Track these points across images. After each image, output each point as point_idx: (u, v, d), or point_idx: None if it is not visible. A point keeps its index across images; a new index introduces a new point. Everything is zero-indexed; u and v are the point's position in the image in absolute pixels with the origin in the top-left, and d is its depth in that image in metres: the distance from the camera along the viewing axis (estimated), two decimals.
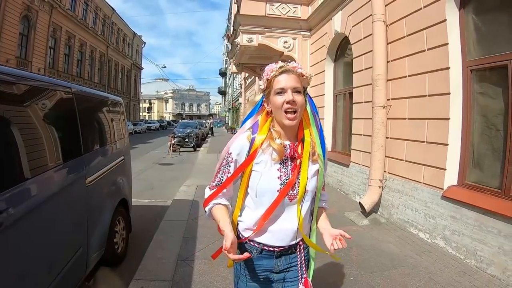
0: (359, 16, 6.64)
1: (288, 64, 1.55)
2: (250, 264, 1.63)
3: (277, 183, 1.53)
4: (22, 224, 2.01)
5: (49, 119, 2.61)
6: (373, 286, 3.44)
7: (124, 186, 4.47)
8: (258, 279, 1.64)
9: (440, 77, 4.57)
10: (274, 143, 1.55)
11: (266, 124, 1.60)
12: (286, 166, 1.56)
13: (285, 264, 1.65)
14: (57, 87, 2.84)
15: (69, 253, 2.73)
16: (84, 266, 3.04)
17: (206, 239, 4.61)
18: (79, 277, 2.98)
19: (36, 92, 2.49)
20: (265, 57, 11.42)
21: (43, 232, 2.32)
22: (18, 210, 1.99)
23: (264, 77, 1.58)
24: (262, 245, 1.60)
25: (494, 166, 4.05)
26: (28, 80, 2.40)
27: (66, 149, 2.83)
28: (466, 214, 4.09)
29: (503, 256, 3.54)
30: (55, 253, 2.51)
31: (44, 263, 2.33)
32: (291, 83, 1.51)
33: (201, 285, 3.38)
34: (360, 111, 6.71)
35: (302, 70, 1.56)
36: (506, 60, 3.78)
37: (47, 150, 2.50)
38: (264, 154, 1.55)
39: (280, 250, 1.61)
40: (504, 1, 3.90)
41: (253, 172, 1.57)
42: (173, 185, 8.86)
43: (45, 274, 2.32)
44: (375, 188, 5.66)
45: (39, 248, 2.27)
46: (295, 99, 1.49)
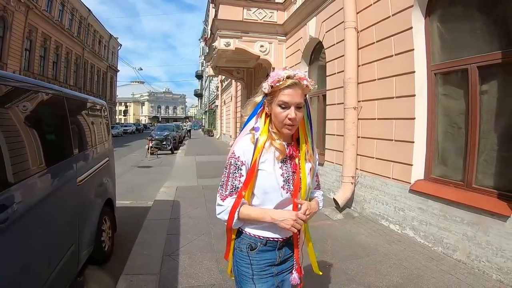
0: (333, 23, 6.95)
1: (296, 75, 1.54)
2: (256, 256, 1.66)
3: (281, 180, 1.60)
4: (24, 220, 2.18)
5: (44, 121, 2.84)
6: (347, 272, 3.73)
7: (110, 186, 4.63)
8: (262, 276, 1.66)
9: (406, 80, 4.91)
10: (276, 143, 1.62)
11: (265, 125, 1.64)
12: (286, 164, 1.64)
13: (285, 255, 1.72)
14: (49, 90, 3.01)
15: (64, 248, 2.90)
16: (76, 262, 3.21)
17: (189, 235, 4.81)
18: (73, 272, 3.15)
19: (31, 96, 2.66)
20: (242, 60, 11.68)
21: (42, 227, 2.49)
22: (20, 206, 2.15)
23: (269, 82, 1.57)
24: (266, 238, 1.65)
25: (457, 161, 4.40)
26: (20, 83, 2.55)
27: (59, 149, 3.04)
28: (431, 205, 4.44)
29: (467, 242, 3.88)
30: (52, 248, 2.69)
31: (43, 257, 2.50)
32: (296, 99, 1.54)
33: (187, 277, 3.59)
34: (333, 113, 7.02)
35: (308, 81, 1.57)
36: (467, 64, 4.13)
37: (43, 151, 2.67)
38: (267, 153, 1.61)
39: (282, 240, 1.68)
40: (466, 10, 4.25)
41: (260, 171, 1.60)
42: (153, 187, 8.95)
43: (45, 267, 2.50)
44: (347, 185, 5.99)
45: (39, 242, 2.44)
46: (296, 116, 1.54)
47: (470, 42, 4.18)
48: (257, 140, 1.60)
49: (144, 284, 3.43)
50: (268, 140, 1.62)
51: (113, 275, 3.78)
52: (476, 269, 3.74)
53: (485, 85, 4.02)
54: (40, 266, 2.42)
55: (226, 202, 1.60)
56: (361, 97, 6.01)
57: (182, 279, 3.54)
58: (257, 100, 1.71)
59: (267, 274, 1.67)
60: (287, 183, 1.61)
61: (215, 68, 14.24)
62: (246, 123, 1.71)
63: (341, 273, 3.71)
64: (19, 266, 2.12)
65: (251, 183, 1.59)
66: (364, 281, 3.54)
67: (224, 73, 15.60)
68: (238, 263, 1.70)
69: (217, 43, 9.86)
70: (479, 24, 4.06)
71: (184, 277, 3.60)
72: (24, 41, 24.88)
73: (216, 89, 37.41)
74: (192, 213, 6.03)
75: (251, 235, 1.66)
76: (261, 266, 1.66)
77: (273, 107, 1.59)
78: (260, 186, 1.61)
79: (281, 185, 1.59)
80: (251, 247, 1.66)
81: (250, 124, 1.69)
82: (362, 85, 5.99)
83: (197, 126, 64.20)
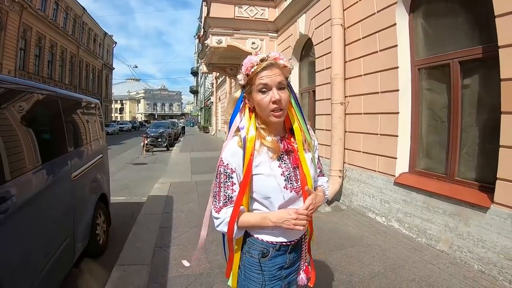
0: (321, 20, 7.06)
1: (269, 55, 1.45)
2: (268, 263, 1.56)
3: (282, 180, 1.48)
4: (22, 211, 2.34)
5: (39, 120, 3.03)
6: (331, 262, 3.88)
7: (103, 182, 4.77)
8: (272, 281, 1.57)
9: (390, 76, 5.05)
10: (267, 141, 1.50)
11: (251, 123, 1.52)
12: (284, 161, 1.51)
13: (293, 257, 1.62)
14: (44, 91, 3.16)
15: (59, 240, 3.04)
16: (72, 253, 3.35)
17: (180, 228, 4.97)
18: (69, 263, 3.30)
19: (27, 96, 2.82)
20: (235, 57, 11.77)
21: (38, 219, 2.64)
22: (18, 199, 2.31)
23: (243, 72, 1.47)
24: (279, 243, 1.55)
25: (440, 154, 4.54)
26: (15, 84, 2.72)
27: (54, 147, 3.20)
28: (415, 197, 4.58)
29: (449, 233, 4.01)
30: (48, 239, 2.83)
31: (40, 246, 2.65)
32: (276, 79, 1.42)
33: (177, 267, 3.74)
34: (322, 108, 7.15)
35: (284, 60, 1.47)
36: (449, 59, 4.25)
37: (39, 148, 2.83)
38: (260, 155, 1.49)
39: (293, 243, 1.58)
40: (448, 6, 4.37)
41: (255, 176, 1.47)
42: (147, 184, 9.08)
43: (42, 256, 2.65)
44: (335, 178, 6.14)
45: (36, 233, 2.58)
46: (281, 97, 1.42)
47: (452, 37, 4.30)
48: (245, 143, 1.46)
49: (136, 273, 3.58)
50: (257, 140, 1.49)
51: (107, 267, 3.90)
52: (458, 260, 3.86)
53: (466, 80, 4.14)
54: (37, 255, 2.57)
55: (221, 213, 1.48)
56: (348, 92, 6.14)
57: (172, 269, 3.70)
58: (236, 96, 1.59)
59: (277, 278, 1.57)
60: (290, 181, 1.49)
61: (209, 65, 14.30)
62: (230, 123, 1.58)
63: (325, 263, 3.85)
64: (18, 254, 2.27)
65: (248, 189, 1.48)
66: (347, 270, 3.68)
67: (218, 70, 15.66)
68: (247, 268, 1.58)
69: (209, 40, 9.94)
70: (461, 20, 4.17)
71: (174, 266, 3.75)
72: (18, 41, 24.74)
73: (211, 86, 37.45)
74: (184, 208, 6.17)
75: (263, 241, 1.54)
76: (273, 272, 1.56)
77: (254, 97, 1.47)
78: (259, 190, 1.49)
79: (283, 185, 1.47)
80: (263, 254, 1.55)
81: (235, 123, 1.55)
82: (349, 81, 6.12)
83: (192, 123, 64.22)
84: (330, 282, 3.44)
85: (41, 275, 2.55)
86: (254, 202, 1.53)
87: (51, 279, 2.77)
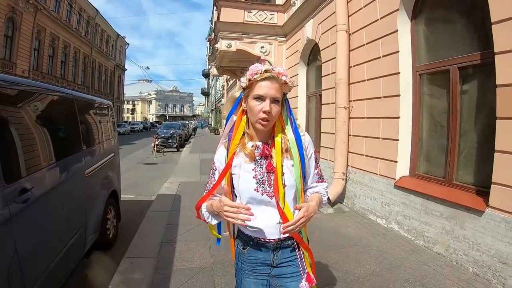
0: (327, 25, 7.20)
1: (274, 69, 1.53)
2: (248, 256, 1.68)
3: (253, 182, 1.56)
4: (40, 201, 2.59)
5: (57, 120, 3.35)
6: (328, 260, 4.03)
7: (115, 179, 5.01)
8: (255, 273, 1.67)
9: (392, 81, 5.19)
10: (245, 148, 1.60)
11: (241, 125, 1.64)
12: (260, 165, 1.58)
13: (282, 258, 1.65)
14: (61, 93, 3.46)
15: (72, 230, 3.30)
16: (83, 244, 3.59)
17: (186, 225, 5.16)
18: (80, 252, 3.54)
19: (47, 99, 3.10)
20: (244, 60, 11.92)
21: (54, 209, 2.92)
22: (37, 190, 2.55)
23: (247, 75, 1.55)
24: (257, 238, 1.63)
25: (439, 158, 4.65)
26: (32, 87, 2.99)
27: (70, 145, 3.48)
28: (413, 200, 4.70)
29: (446, 235, 4.11)
30: (63, 228, 3.10)
31: (56, 233, 2.92)
32: (272, 92, 1.51)
33: (182, 260, 3.95)
34: (327, 112, 7.28)
35: (287, 78, 1.55)
36: (448, 65, 4.37)
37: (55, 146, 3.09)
38: (238, 158, 1.60)
39: (276, 241, 1.62)
40: (448, 14, 4.50)
41: (233, 175, 1.61)
42: (157, 183, 9.32)
43: (57, 242, 2.91)
44: (338, 180, 6.29)
45: (52, 221, 2.86)
46: (271, 110, 1.50)
47: (451, 44, 4.42)
48: (229, 145, 1.62)
49: (143, 265, 3.79)
50: (239, 145, 1.62)
51: (116, 259, 4.10)
52: (454, 262, 3.94)
53: (465, 85, 4.26)
54: (53, 240, 2.84)
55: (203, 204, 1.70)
56: (352, 97, 6.29)
57: (177, 262, 3.91)
58: (235, 95, 1.67)
59: (260, 272, 1.66)
60: (261, 184, 1.57)
61: (219, 68, 14.52)
62: (227, 120, 1.70)
63: (323, 260, 4.00)
64: (37, 237, 2.52)
65: (229, 185, 1.61)
66: (343, 269, 3.83)
67: (228, 73, 15.88)
68: (236, 257, 1.76)
69: (219, 44, 10.16)
70: (460, 27, 4.29)
71: (180, 260, 3.96)
72: (32, 41, 25.15)
73: (222, 88, 37.73)
74: (192, 206, 6.25)
75: (244, 233, 1.68)
76: (253, 264, 1.66)
77: (249, 101, 1.56)
78: (237, 188, 1.62)
79: (254, 188, 1.57)
80: (243, 246, 1.69)
81: (229, 124, 1.69)
82: (353, 85, 6.27)
83: (204, 125, 64.54)
84: (326, 279, 3.58)
85: (55, 260, 2.77)
86: (237, 199, 1.64)
87: (63, 265, 2.99)
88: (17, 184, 2.28)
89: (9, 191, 2.16)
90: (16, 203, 2.21)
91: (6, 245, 2.08)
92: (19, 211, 2.23)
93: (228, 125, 1.69)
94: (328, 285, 3.45)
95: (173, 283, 3.42)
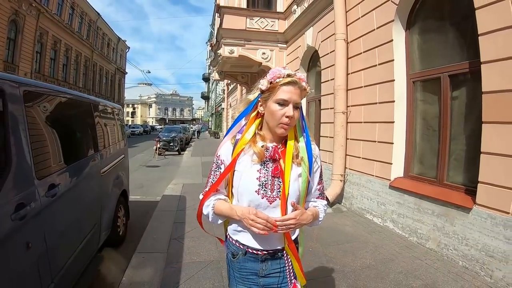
0: (326, 33, 7.50)
1: (296, 75, 1.52)
2: (237, 265, 1.66)
3: (255, 184, 1.52)
4: (65, 196, 2.86)
5: (80, 123, 3.71)
6: (327, 254, 4.31)
7: (125, 179, 5.31)
8: (245, 282, 1.65)
9: (387, 88, 5.48)
10: (255, 146, 1.56)
11: (253, 126, 1.61)
12: (266, 168, 1.54)
13: (271, 269, 1.63)
14: (83, 99, 3.84)
15: (90, 224, 3.59)
16: (97, 239, 3.87)
17: (193, 223, 5.42)
18: (95, 246, 3.82)
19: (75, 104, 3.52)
20: (246, 65, 12.24)
21: (76, 203, 3.23)
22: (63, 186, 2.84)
23: (268, 78, 1.52)
24: (246, 247, 1.60)
25: (431, 160, 4.93)
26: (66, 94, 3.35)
27: (88, 145, 3.79)
28: (407, 199, 4.99)
29: (437, 232, 4.38)
30: (83, 221, 3.41)
31: (77, 226, 3.23)
32: (295, 97, 1.49)
33: (190, 255, 4.24)
34: (326, 116, 7.58)
35: (306, 84, 1.55)
36: (440, 73, 4.66)
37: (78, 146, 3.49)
38: (245, 155, 1.56)
39: (264, 254, 1.60)
40: (439, 24, 4.78)
41: (235, 171, 1.57)
42: (160, 184, 9.58)
43: (77, 234, 3.21)
44: (337, 182, 6.58)
45: (74, 214, 3.17)
46: (294, 115, 1.48)
47: (442, 53, 4.70)
48: (237, 141, 1.59)
49: (154, 259, 4.07)
50: (249, 142, 1.58)
51: (126, 255, 4.40)
52: (445, 257, 4.20)
53: (455, 92, 4.54)
54: (74, 233, 3.14)
55: (200, 197, 1.68)
56: (350, 102, 6.58)
57: (186, 256, 4.19)
58: (251, 98, 1.65)
59: (250, 281, 1.64)
60: (264, 188, 1.53)
61: (221, 73, 14.79)
62: (236, 120, 1.68)
63: (322, 255, 4.29)
64: (62, 230, 2.80)
65: (230, 183, 1.62)
66: (341, 262, 4.11)
67: (229, 78, 16.12)
68: (227, 264, 1.74)
69: (221, 50, 10.44)
70: (451, 37, 4.57)
71: (188, 255, 4.25)
72: (35, 44, 25.31)
73: (223, 92, 37.95)
74: (196, 206, 6.54)
75: (233, 242, 1.66)
76: (242, 273, 1.64)
77: (269, 105, 1.52)
78: (236, 187, 1.59)
79: (255, 190, 1.53)
80: (233, 255, 1.66)
81: (240, 123, 1.67)
82: (351, 92, 6.56)
83: (204, 128, 64.75)
84: (324, 270, 3.87)
85: (74, 253, 3.05)
86: (233, 197, 1.64)
87: (81, 257, 3.27)
88: (46, 180, 2.56)
89: (40, 186, 2.44)
90: (45, 197, 2.48)
91: (38, 233, 2.34)
92: (48, 204, 2.50)
93: (235, 129, 1.68)
94: (326, 276, 3.73)
95: (183, 275, 3.70)
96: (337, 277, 3.74)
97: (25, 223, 2.14)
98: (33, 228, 2.28)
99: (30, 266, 2.20)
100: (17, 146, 2.20)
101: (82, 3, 33.59)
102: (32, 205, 2.26)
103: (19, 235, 2.09)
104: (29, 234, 2.21)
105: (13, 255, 2.03)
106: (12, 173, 2.11)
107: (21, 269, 2.11)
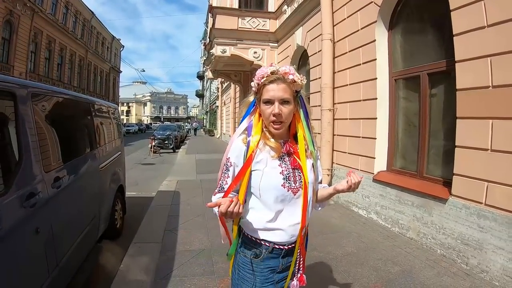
0: (315, 33, 7.74)
1: (279, 70, 1.51)
2: (260, 265, 1.61)
3: (280, 178, 1.53)
4: (68, 188, 3.14)
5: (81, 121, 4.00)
6: (312, 243, 4.51)
7: (121, 175, 5.57)
8: (266, 284, 1.61)
9: (370, 86, 5.73)
10: (270, 141, 1.57)
11: (259, 125, 1.60)
12: (285, 162, 1.56)
13: (287, 263, 1.64)
14: (83, 99, 4.14)
15: (90, 216, 3.85)
16: (97, 230, 4.13)
17: (186, 216, 5.71)
18: (94, 238, 4.09)
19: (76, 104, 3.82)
20: (239, 64, 12.44)
21: (78, 195, 3.53)
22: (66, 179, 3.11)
23: (255, 80, 1.55)
24: (273, 244, 1.58)
25: (412, 154, 5.17)
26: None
27: (88, 142, 4.06)
28: (389, 192, 5.24)
29: (416, 222, 4.62)
30: (84, 212, 3.69)
31: (79, 216, 3.53)
32: (279, 94, 1.48)
33: (183, 244, 4.51)
34: (315, 113, 7.65)
35: (294, 75, 1.51)
36: (419, 72, 4.90)
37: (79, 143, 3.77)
38: (262, 153, 1.55)
39: (288, 248, 1.61)
40: (420, 25, 5.01)
41: (254, 171, 1.55)
42: (155, 181, 9.80)
43: (80, 224, 3.48)
44: (324, 177, 6.80)
45: (77, 205, 3.47)
46: (281, 112, 1.48)
47: (422, 52, 4.93)
48: (249, 141, 1.56)
49: (150, 249, 4.34)
50: (262, 140, 1.58)
51: (124, 246, 4.63)
52: (424, 245, 4.44)
53: (433, 90, 4.78)
54: (76, 223, 3.41)
55: (213, 198, 1.58)
56: (336, 99, 6.83)
57: (179, 246, 4.46)
58: (250, 100, 1.68)
59: (269, 282, 1.61)
60: (288, 180, 1.55)
61: (214, 71, 15.02)
62: (240, 123, 1.69)
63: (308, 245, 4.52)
64: (66, 219, 3.07)
65: (244, 186, 1.54)
66: (324, 250, 4.38)
67: (223, 76, 16.32)
68: (241, 267, 1.64)
69: (214, 50, 10.65)
70: (430, 37, 4.80)
71: (181, 244, 4.52)
72: (29, 44, 25.37)
73: (217, 90, 37.92)
74: (190, 201, 6.92)
75: (257, 241, 1.60)
76: (264, 274, 1.60)
77: (260, 106, 1.56)
78: (257, 186, 1.55)
79: (281, 184, 1.53)
80: (256, 255, 1.60)
81: (243, 124, 1.66)
82: (337, 89, 6.81)
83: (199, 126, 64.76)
84: (308, 257, 4.02)
85: (77, 240, 3.31)
86: (252, 197, 1.60)
87: (83, 245, 3.53)
88: (52, 173, 2.83)
89: (47, 178, 2.70)
90: (52, 188, 2.75)
91: (45, 220, 2.60)
92: (53, 195, 2.76)
93: (239, 130, 1.68)
94: (310, 263, 3.95)
95: (176, 262, 3.96)
96: (320, 263, 4.00)
97: (35, 210, 2.41)
98: (42, 215, 2.54)
99: (39, 249, 2.47)
100: (27, 142, 2.45)
101: (76, 2, 33.58)
102: (41, 194, 2.53)
103: (30, 220, 2.35)
104: (38, 220, 2.47)
105: (25, 238, 2.29)
106: (24, 166, 2.38)
107: (32, 251, 2.37)
